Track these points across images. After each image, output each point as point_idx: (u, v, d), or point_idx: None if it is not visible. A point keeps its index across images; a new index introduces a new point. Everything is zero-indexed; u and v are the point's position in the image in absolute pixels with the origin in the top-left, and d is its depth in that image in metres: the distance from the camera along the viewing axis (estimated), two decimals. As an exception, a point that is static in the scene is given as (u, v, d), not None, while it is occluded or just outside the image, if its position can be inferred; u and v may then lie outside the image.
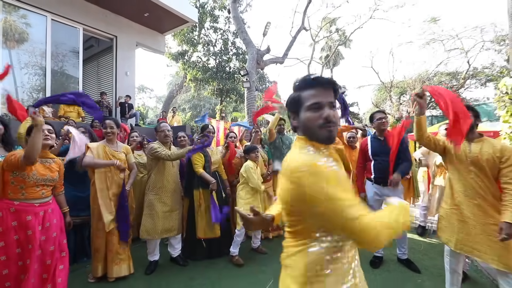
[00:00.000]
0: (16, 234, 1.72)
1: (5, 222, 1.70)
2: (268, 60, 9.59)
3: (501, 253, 1.68)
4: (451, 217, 1.93)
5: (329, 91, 0.84)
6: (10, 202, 1.74)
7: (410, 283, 2.34)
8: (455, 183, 1.91)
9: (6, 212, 1.72)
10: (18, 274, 1.72)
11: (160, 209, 2.57)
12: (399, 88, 15.19)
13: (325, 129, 0.82)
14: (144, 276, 2.48)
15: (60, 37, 7.09)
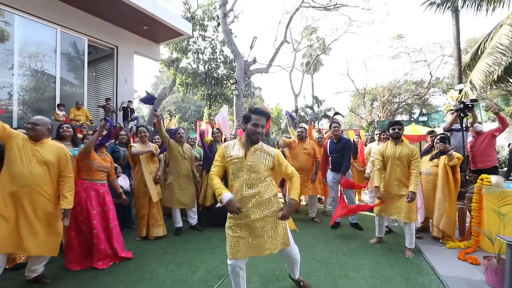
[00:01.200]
0: (86, 201, 2.67)
1: (79, 194, 2.64)
2: (254, 70, 10.74)
3: (405, 211, 2.86)
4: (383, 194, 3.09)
5: (263, 117, 1.73)
6: (83, 181, 2.71)
7: (357, 236, 3.55)
8: (387, 171, 3.02)
9: (80, 187, 2.66)
10: (90, 234, 2.64)
11: (175, 187, 3.58)
12: (371, 95, 16.95)
13: (254, 136, 1.70)
14: (174, 236, 3.50)
15: (68, 48, 7.82)
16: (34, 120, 2.25)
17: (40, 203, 2.17)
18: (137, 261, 2.75)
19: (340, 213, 3.43)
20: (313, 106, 15.40)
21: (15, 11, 6.55)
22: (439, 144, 3.15)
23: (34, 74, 7.16)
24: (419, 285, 2.26)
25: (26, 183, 2.11)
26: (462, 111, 3.50)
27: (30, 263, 2.31)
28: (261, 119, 1.71)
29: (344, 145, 3.83)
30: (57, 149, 2.33)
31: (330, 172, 3.94)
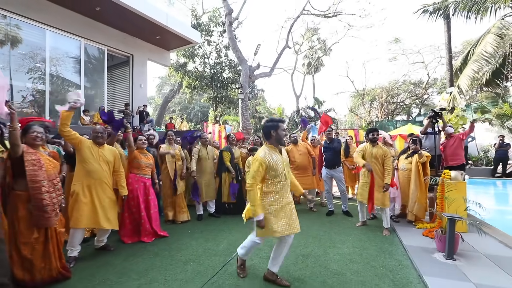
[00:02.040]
0: (137, 192, 3.47)
1: (132, 185, 3.44)
2: (258, 75, 11.49)
3: (380, 199, 3.64)
4: (363, 185, 3.86)
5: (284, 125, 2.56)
6: (134, 175, 3.51)
7: (346, 221, 4.32)
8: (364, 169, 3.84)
9: (133, 180, 3.48)
10: (139, 216, 3.45)
11: (202, 183, 4.37)
12: (370, 95, 17.63)
13: (284, 139, 2.31)
14: (196, 221, 4.29)
15: (90, 57, 8.64)
16: (101, 130, 3.04)
17: (106, 191, 2.96)
18: (173, 238, 3.54)
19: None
20: (314, 106, 16.12)
21: (46, 27, 7.37)
22: (412, 145, 3.91)
23: (62, 82, 7.99)
24: (388, 252, 3.03)
25: (98, 177, 2.90)
26: (434, 118, 4.24)
27: (98, 236, 3.11)
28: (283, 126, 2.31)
29: (336, 145, 4.60)
30: (114, 151, 3.12)
31: (324, 169, 4.70)
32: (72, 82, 8.20)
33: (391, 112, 17.27)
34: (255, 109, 21.02)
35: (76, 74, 8.25)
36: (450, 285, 2.24)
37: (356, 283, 2.34)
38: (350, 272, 2.54)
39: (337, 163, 4.66)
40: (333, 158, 4.61)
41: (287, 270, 2.59)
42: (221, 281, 2.38)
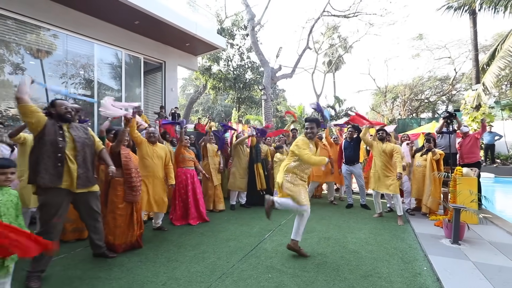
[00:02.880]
0: (184, 182, 4.17)
1: (180, 176, 4.15)
2: (280, 76, 12.00)
3: (390, 186, 4.07)
4: (374, 176, 4.33)
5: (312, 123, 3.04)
6: (181, 168, 4.21)
7: (364, 213, 4.76)
8: (376, 160, 4.30)
9: (180, 172, 4.18)
10: (187, 202, 4.16)
11: (237, 176, 5.02)
12: (393, 93, 17.44)
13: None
14: (230, 210, 4.95)
15: (129, 65, 9.65)
16: (155, 131, 3.76)
17: (158, 182, 3.67)
18: (213, 222, 4.21)
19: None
20: (334, 105, 16.31)
21: (95, 41, 8.41)
22: (426, 143, 4.28)
23: (106, 88, 9.06)
24: (400, 237, 3.47)
25: (152, 170, 3.61)
26: (448, 118, 4.54)
27: (154, 218, 3.86)
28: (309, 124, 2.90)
29: (355, 144, 5.04)
30: (165, 149, 3.84)
31: (344, 165, 5.16)
32: (114, 88, 9.25)
33: (415, 110, 16.96)
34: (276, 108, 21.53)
35: (118, 81, 9.28)
36: (450, 262, 2.67)
37: (369, 259, 2.84)
38: (365, 251, 3.03)
39: (356, 160, 5.10)
40: (353, 155, 5.05)
41: (312, 247, 3.14)
42: (258, 254, 2.99)
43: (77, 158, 2.47)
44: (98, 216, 2.74)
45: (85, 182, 2.51)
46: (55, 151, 2.35)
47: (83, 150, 2.54)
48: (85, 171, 2.53)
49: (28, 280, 2.27)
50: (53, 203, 2.33)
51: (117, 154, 3.10)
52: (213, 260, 2.83)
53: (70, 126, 2.54)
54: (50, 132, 2.36)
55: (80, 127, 2.65)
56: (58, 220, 2.38)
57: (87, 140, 2.62)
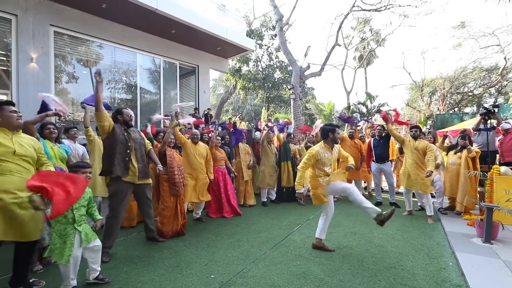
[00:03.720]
0: (217, 179, 4.57)
1: (214, 174, 4.57)
2: (308, 75, 12.03)
3: (421, 185, 4.07)
4: (404, 173, 4.35)
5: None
6: (215, 167, 4.62)
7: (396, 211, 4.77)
8: (407, 157, 4.32)
9: (214, 170, 4.59)
10: (220, 197, 4.57)
11: (266, 173, 5.34)
12: (430, 87, 16.37)
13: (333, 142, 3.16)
14: (261, 206, 5.29)
15: (166, 70, 10.48)
16: (197, 133, 4.22)
17: (201, 176, 4.13)
18: (246, 216, 4.58)
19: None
20: (365, 102, 15.82)
21: (137, 51, 9.32)
22: (460, 140, 4.19)
23: (148, 94, 9.97)
24: (428, 235, 3.51)
25: (195, 167, 4.08)
26: (486, 115, 4.36)
27: (195, 209, 4.34)
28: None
29: (385, 142, 5.06)
30: (206, 148, 4.29)
31: (374, 163, 5.19)
32: (154, 92, 10.13)
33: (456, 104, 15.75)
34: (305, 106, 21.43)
35: (156, 84, 10.14)
36: (478, 259, 2.70)
37: (394, 253, 2.97)
38: (391, 246, 3.16)
39: (386, 157, 5.12)
40: (383, 153, 5.08)
41: (338, 241, 3.35)
42: (287, 244, 3.28)
43: (136, 155, 2.99)
44: (150, 203, 3.25)
45: (143, 174, 3.03)
46: (125, 149, 2.88)
47: (140, 149, 3.06)
48: (143, 166, 3.05)
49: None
50: (121, 191, 2.86)
51: (163, 154, 3.60)
52: (247, 247, 3.18)
53: (130, 129, 3.08)
54: (120, 134, 2.90)
55: (136, 130, 3.18)
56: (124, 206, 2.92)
57: (142, 140, 3.14)
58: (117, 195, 2.86)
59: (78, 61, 8.26)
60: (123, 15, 8.22)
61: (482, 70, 17.02)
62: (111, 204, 2.89)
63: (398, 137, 4.49)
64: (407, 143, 4.33)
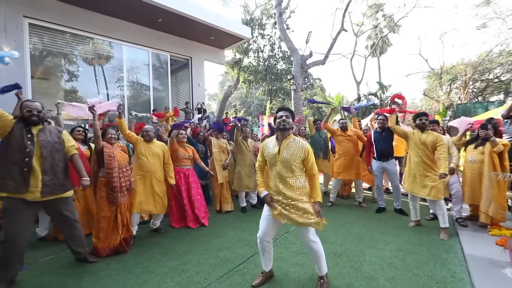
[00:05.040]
0: (178, 182, 3.81)
1: (175, 176, 3.82)
2: (311, 64, 11.02)
3: (430, 189, 3.14)
4: (409, 174, 3.42)
5: (286, 112, 2.10)
6: (175, 167, 3.87)
7: (398, 219, 3.86)
8: (412, 155, 3.40)
9: (174, 171, 3.83)
10: (182, 204, 3.83)
11: (243, 175, 4.53)
12: (450, 74, 14.79)
13: (281, 124, 2.07)
14: (240, 212, 4.51)
15: (156, 63, 9.86)
16: (148, 128, 3.49)
17: (155, 181, 3.39)
18: (215, 225, 3.83)
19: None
20: (377, 92, 14.52)
21: (122, 43, 8.73)
22: (481, 131, 3.20)
23: (135, 86, 9.41)
24: (440, 260, 2.60)
25: (148, 169, 3.35)
26: (521, 98, 3.33)
27: (153, 219, 3.63)
28: (284, 112, 2.11)
29: (388, 134, 4.12)
30: (162, 146, 3.54)
31: (375, 161, 4.26)
32: (144, 85, 9.55)
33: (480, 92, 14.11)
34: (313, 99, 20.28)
35: (146, 79, 9.54)
36: (514, 307, 1.80)
37: (388, 290, 2.11)
38: (384, 278, 2.30)
39: (389, 154, 4.18)
40: (386, 148, 4.15)
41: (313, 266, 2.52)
42: (245, 270, 2.49)
43: (43, 164, 2.29)
44: (74, 222, 2.57)
45: (52, 189, 2.33)
46: (22, 157, 2.20)
47: (51, 156, 2.36)
48: (53, 178, 2.34)
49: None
50: (15, 210, 2.20)
51: (101, 153, 2.91)
52: (191, 274, 2.43)
53: (41, 130, 2.38)
54: (17, 137, 2.22)
55: (53, 131, 2.48)
56: (23, 228, 2.24)
57: (57, 144, 2.43)
58: (9, 214, 2.19)
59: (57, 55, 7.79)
60: (104, 4, 7.62)
61: (510, 54, 15.18)
62: (3, 225, 2.22)
63: (400, 132, 3.57)
64: (411, 136, 3.41)
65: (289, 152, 2.06)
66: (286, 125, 2.07)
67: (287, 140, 2.10)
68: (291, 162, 2.04)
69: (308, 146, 2.09)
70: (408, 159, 3.47)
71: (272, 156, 2.12)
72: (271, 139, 2.24)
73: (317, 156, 5.32)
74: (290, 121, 2.09)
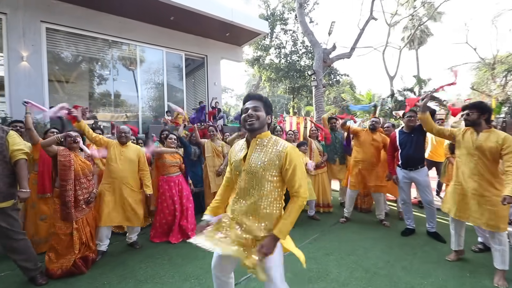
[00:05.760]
0: (168, 192, 3.32)
1: (163, 186, 3.32)
2: (334, 57, 10.03)
3: (489, 218, 2.23)
4: (454, 192, 2.51)
5: (254, 101, 1.45)
6: (163, 176, 3.38)
7: (430, 247, 2.94)
8: (461, 163, 2.47)
9: (162, 181, 3.34)
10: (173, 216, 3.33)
11: None
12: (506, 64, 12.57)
13: (246, 122, 1.42)
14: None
15: (170, 62, 9.69)
16: (125, 129, 3.06)
17: (127, 190, 2.93)
18: (199, 242, 3.28)
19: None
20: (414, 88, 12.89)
21: (137, 43, 8.68)
22: None
23: (150, 86, 9.33)
24: (493, 323, 1.73)
25: (118, 176, 2.91)
26: None
27: (128, 233, 3.20)
28: (251, 103, 1.45)
29: (418, 136, 3.21)
30: (137, 150, 3.09)
31: (400, 170, 3.36)
32: (158, 86, 9.44)
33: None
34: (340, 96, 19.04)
35: (160, 79, 9.41)
36: None
37: None
38: None
39: (419, 161, 3.26)
40: (415, 154, 3.23)
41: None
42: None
43: None
44: (13, 234, 2.21)
45: None
46: None
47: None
48: None
49: None
50: None
51: (55, 161, 2.51)
52: (135, 317, 1.89)
53: None
54: None
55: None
56: None
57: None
58: None
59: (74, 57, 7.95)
60: (117, 5, 7.58)
61: None
62: None
63: (443, 133, 2.67)
64: (459, 138, 2.50)
65: (259, 157, 1.40)
66: (254, 123, 1.41)
67: (256, 140, 1.45)
68: (260, 172, 1.37)
69: (289, 150, 1.38)
70: (455, 169, 2.55)
71: (237, 163, 1.48)
72: (241, 140, 1.60)
73: (331, 161, 4.54)
74: (261, 115, 1.42)
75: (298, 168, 1.37)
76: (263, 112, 1.43)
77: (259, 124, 1.41)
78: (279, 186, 1.42)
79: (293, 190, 1.38)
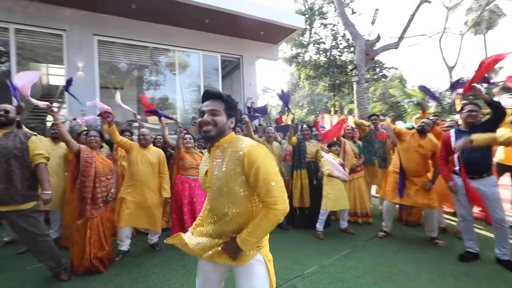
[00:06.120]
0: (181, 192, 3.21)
1: (177, 185, 3.24)
2: (379, 49, 9.07)
3: None
4: None
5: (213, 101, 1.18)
6: (180, 176, 3.29)
7: (499, 280, 2.28)
8: None
9: (178, 180, 3.26)
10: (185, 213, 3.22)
11: None
12: None
13: (201, 129, 1.16)
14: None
15: (208, 65, 9.91)
16: (145, 132, 3.07)
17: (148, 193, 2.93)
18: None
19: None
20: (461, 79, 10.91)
21: (176, 48, 9.08)
22: None
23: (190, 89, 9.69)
24: None
25: (140, 179, 2.92)
26: None
27: (149, 234, 3.21)
28: (209, 104, 1.17)
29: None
30: (158, 153, 3.10)
31: (458, 178, 2.71)
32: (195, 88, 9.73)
33: None
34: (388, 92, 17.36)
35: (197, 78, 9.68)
36: None
37: None
38: None
39: (486, 168, 2.59)
40: (478, 158, 2.56)
41: None
42: None
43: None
44: (35, 235, 2.29)
45: (5, 198, 2.10)
46: None
47: (6, 162, 2.14)
48: (7, 187, 2.12)
49: None
50: None
51: (78, 158, 2.61)
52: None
53: (6, 134, 2.22)
54: None
55: (19, 135, 2.27)
56: None
57: (15, 150, 2.19)
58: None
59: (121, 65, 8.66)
60: (154, 13, 8.01)
61: None
62: None
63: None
64: None
65: (220, 168, 1.15)
66: (210, 130, 1.15)
67: (215, 149, 1.20)
68: (225, 186, 1.12)
69: (247, 149, 1.10)
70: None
71: (202, 180, 1.25)
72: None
73: (370, 164, 4.01)
74: (219, 120, 1.15)
75: (262, 170, 1.06)
76: (223, 116, 1.16)
77: (216, 131, 1.15)
78: (250, 199, 1.16)
79: (261, 200, 1.11)
